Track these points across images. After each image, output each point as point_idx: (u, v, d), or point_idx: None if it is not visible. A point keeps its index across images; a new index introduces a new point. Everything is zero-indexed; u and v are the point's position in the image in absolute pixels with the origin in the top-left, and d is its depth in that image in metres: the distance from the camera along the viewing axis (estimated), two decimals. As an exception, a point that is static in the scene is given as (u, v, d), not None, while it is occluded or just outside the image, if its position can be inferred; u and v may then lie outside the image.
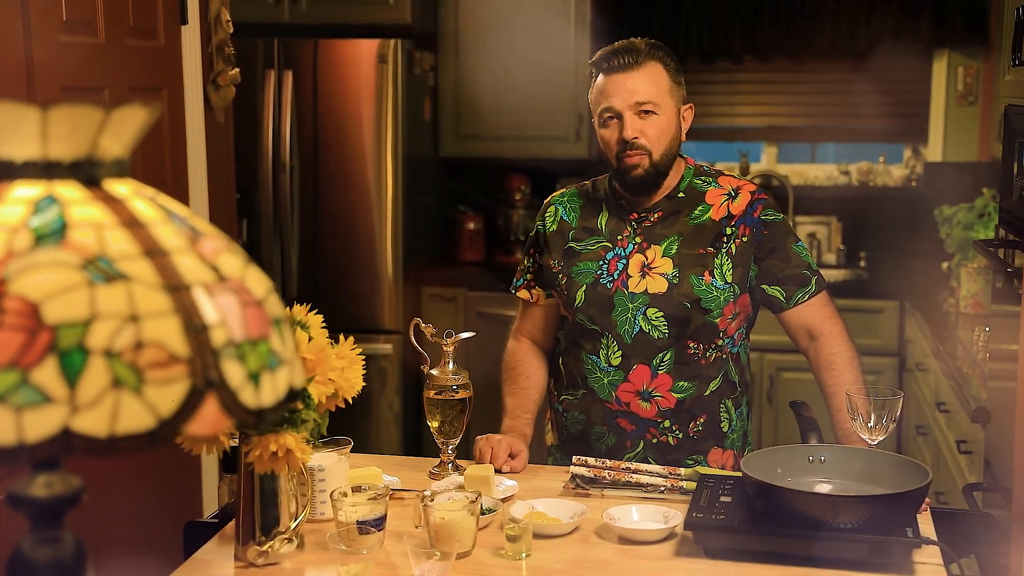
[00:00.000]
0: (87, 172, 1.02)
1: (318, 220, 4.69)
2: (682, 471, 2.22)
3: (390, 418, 4.76)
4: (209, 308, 0.98)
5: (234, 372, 0.98)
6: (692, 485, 2.14)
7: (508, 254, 5.06)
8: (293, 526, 1.89)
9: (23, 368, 0.88)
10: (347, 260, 4.71)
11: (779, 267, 2.40)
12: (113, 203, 1.01)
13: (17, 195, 0.98)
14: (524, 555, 1.89)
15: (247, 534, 1.88)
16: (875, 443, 2.07)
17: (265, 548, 1.86)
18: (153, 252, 0.98)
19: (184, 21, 3.31)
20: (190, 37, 3.34)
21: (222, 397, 0.97)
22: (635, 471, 2.22)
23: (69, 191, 1.00)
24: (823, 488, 1.96)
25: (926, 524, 2.00)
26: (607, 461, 2.25)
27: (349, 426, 4.95)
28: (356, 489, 1.96)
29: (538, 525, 1.96)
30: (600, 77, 2.37)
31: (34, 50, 2.62)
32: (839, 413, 2.29)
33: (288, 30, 4.75)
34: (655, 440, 2.41)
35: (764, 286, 2.41)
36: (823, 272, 4.89)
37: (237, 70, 3.54)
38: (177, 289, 0.97)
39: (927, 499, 2.07)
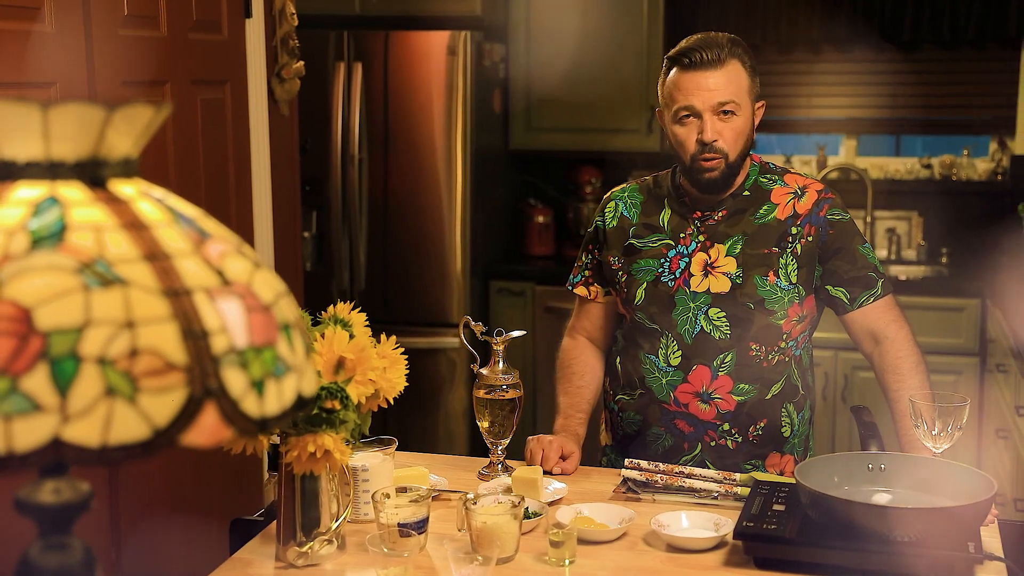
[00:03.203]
0: (91, 172, 0.99)
1: (387, 212, 4.68)
2: (737, 477, 2.15)
3: (459, 411, 4.74)
4: (210, 314, 0.95)
5: (236, 380, 0.95)
6: (747, 492, 2.07)
7: (578, 248, 4.99)
8: (334, 527, 1.87)
9: (13, 375, 0.86)
10: (415, 253, 4.69)
11: (844, 268, 2.33)
12: (117, 204, 0.98)
13: (18, 196, 0.96)
14: (568, 562, 1.84)
15: (288, 534, 1.86)
16: (939, 451, 1.98)
17: (305, 549, 1.84)
18: (154, 255, 0.95)
19: (249, 15, 3.31)
20: (254, 30, 3.35)
21: (222, 406, 0.94)
22: (689, 475, 2.16)
23: (72, 192, 0.97)
24: (881, 498, 1.88)
25: (992, 538, 1.91)
26: (660, 465, 2.20)
27: (417, 420, 4.96)
28: (401, 490, 1.93)
29: (583, 531, 1.91)
30: (676, 71, 2.28)
31: (95, 44, 2.63)
32: (903, 419, 2.20)
33: (359, 22, 4.74)
34: (713, 443, 2.34)
35: (828, 287, 2.34)
36: (903, 268, 4.84)
37: (302, 63, 3.54)
38: (177, 294, 0.94)
39: (995, 511, 1.98)
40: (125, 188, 1.01)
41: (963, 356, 4.45)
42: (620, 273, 2.42)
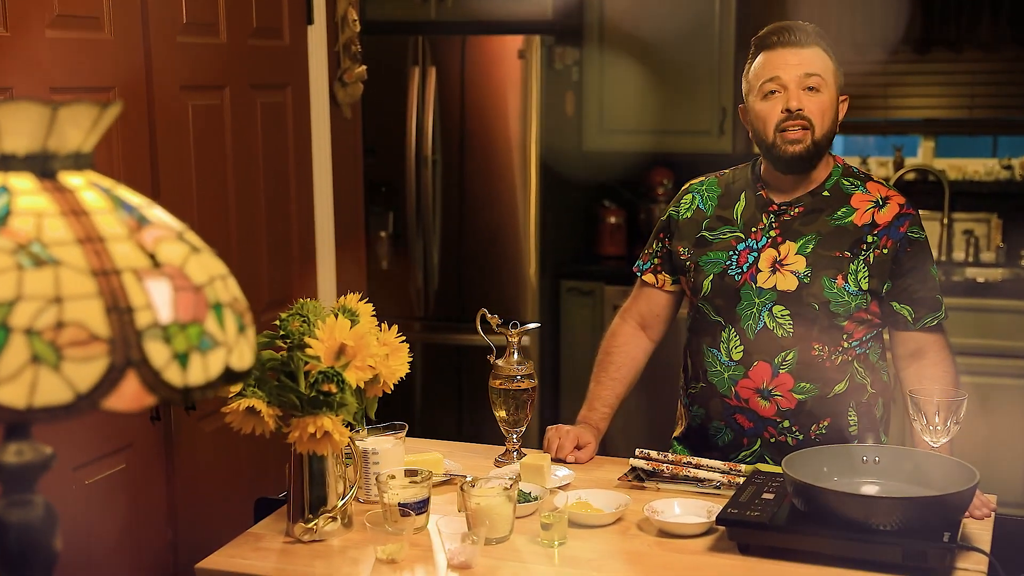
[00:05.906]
0: (41, 165, 1.10)
1: (463, 214, 4.79)
2: (742, 467, 2.19)
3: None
4: (137, 292, 1.05)
5: (158, 352, 1.05)
6: (749, 482, 2.11)
7: (649, 248, 5.04)
8: (339, 505, 1.97)
9: (-52, 343, 0.98)
10: (488, 253, 4.78)
11: (915, 287, 2.32)
12: (61, 193, 1.09)
13: (-28, 186, 1.07)
14: (558, 543, 1.91)
15: (296, 512, 1.97)
16: (937, 446, 2.00)
17: (311, 525, 1.95)
18: (89, 239, 1.06)
19: (311, 21, 3.45)
20: (316, 36, 3.48)
21: (143, 374, 1.04)
22: (697, 466, 2.20)
23: (21, 182, 1.08)
24: (869, 489, 1.91)
25: (983, 531, 1.92)
26: (669, 455, 2.24)
27: (491, 415, 5.05)
28: (411, 473, 2.03)
29: (576, 515, 1.98)
30: (763, 55, 2.32)
31: (152, 51, 2.78)
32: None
33: (434, 27, 4.86)
34: (773, 440, 2.33)
35: (894, 303, 2.33)
36: (980, 271, 4.77)
37: (364, 67, 3.66)
38: (106, 273, 1.04)
39: (992, 505, 2.00)
40: (73, 179, 1.12)
41: (1038, 360, 4.37)
42: (688, 263, 2.43)
